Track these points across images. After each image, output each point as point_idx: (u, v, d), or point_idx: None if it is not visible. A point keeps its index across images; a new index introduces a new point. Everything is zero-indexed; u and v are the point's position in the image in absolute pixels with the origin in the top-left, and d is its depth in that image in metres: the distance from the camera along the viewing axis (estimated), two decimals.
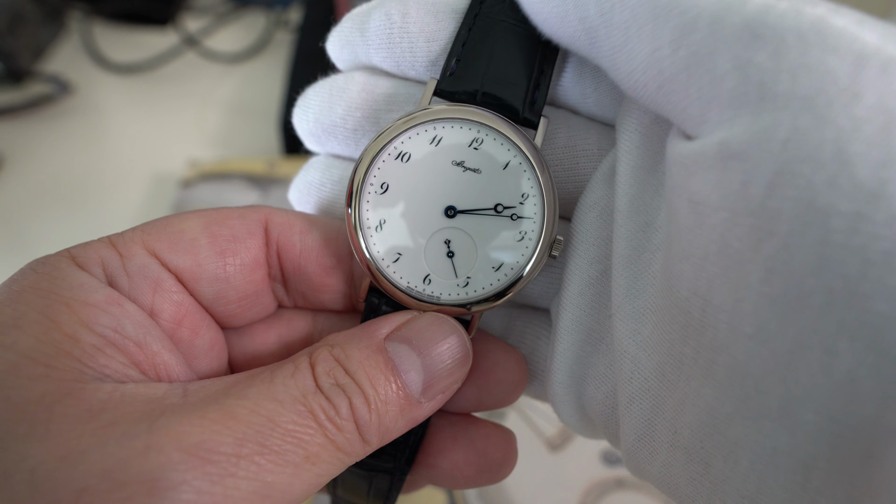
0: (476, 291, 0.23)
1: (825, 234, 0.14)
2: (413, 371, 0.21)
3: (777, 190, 0.15)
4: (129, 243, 0.21)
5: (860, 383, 0.14)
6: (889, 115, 0.14)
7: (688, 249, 0.18)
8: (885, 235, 0.14)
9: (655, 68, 0.18)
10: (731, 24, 0.16)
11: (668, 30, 0.18)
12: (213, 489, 0.16)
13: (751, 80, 0.16)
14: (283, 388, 0.19)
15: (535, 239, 0.23)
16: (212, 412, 0.17)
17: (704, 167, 0.17)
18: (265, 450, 0.17)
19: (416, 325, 0.22)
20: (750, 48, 0.16)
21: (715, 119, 0.17)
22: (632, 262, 0.22)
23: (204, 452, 0.16)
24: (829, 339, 0.15)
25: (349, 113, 0.25)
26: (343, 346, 0.20)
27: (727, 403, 0.17)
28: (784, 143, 0.15)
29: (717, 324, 0.17)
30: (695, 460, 0.18)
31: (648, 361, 0.20)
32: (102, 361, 0.18)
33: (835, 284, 0.14)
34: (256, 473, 0.17)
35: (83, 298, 0.19)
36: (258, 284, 0.24)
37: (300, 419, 0.18)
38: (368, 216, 0.23)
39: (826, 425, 0.15)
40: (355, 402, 0.19)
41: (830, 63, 0.15)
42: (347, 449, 0.19)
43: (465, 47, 0.23)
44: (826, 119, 0.14)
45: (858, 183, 0.14)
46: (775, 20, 0.16)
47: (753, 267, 0.16)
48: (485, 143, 0.23)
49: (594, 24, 0.20)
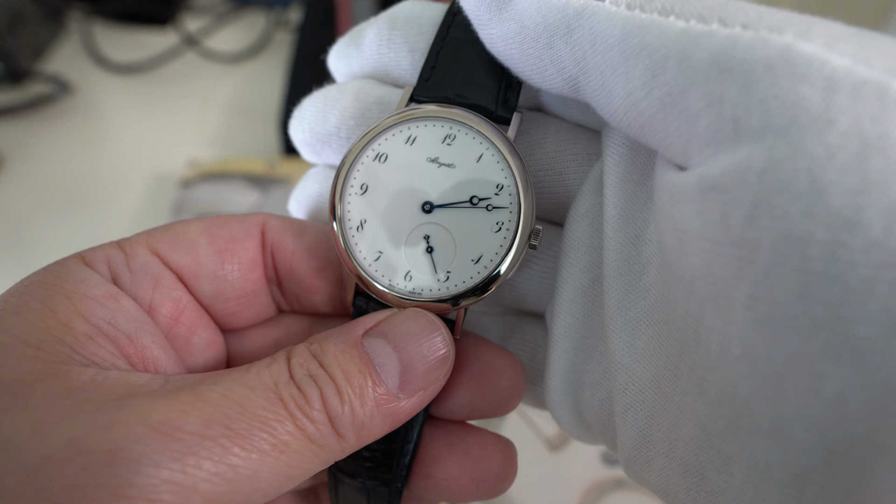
0: (457, 285, 0.23)
1: (804, 262, 0.14)
2: (389, 365, 0.20)
3: (755, 221, 0.15)
4: (134, 244, 0.22)
5: (849, 404, 0.15)
6: (863, 139, 0.14)
7: (677, 272, 0.18)
8: (863, 262, 0.14)
9: (633, 110, 0.18)
10: (699, 60, 0.16)
11: (640, 72, 0.18)
12: (173, 465, 0.16)
13: (724, 116, 0.16)
14: (255, 377, 0.19)
15: (512, 229, 0.23)
16: (183, 395, 0.18)
17: (686, 197, 0.17)
18: (231, 433, 0.17)
19: (393, 320, 0.22)
20: (720, 84, 0.16)
21: (697, 156, 0.17)
22: (623, 274, 0.22)
23: (168, 429, 0.16)
24: (815, 361, 0.15)
25: (342, 121, 0.25)
26: (321, 342, 0.21)
27: (719, 420, 0.17)
28: (760, 174, 0.15)
29: (709, 344, 0.17)
30: (691, 472, 0.19)
31: (643, 373, 0.21)
32: (91, 349, 0.19)
33: (817, 310, 0.14)
34: (221, 455, 0.17)
35: (83, 292, 0.20)
36: (255, 284, 0.24)
37: (269, 405, 0.18)
38: (350, 217, 0.23)
39: (818, 442, 0.15)
40: (326, 392, 0.19)
41: (801, 91, 0.15)
42: (320, 441, 0.19)
43: (439, 56, 0.24)
44: (800, 148, 0.15)
45: (834, 211, 0.14)
46: (742, 52, 0.16)
47: (737, 294, 0.16)
48: (457, 138, 0.23)
49: (572, 73, 0.20)
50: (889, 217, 0.13)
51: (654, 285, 0.21)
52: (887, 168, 0.14)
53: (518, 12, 0.20)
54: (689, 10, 0.17)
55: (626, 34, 0.18)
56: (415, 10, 0.25)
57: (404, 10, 0.25)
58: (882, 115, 0.14)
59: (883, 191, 0.13)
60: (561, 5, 0.19)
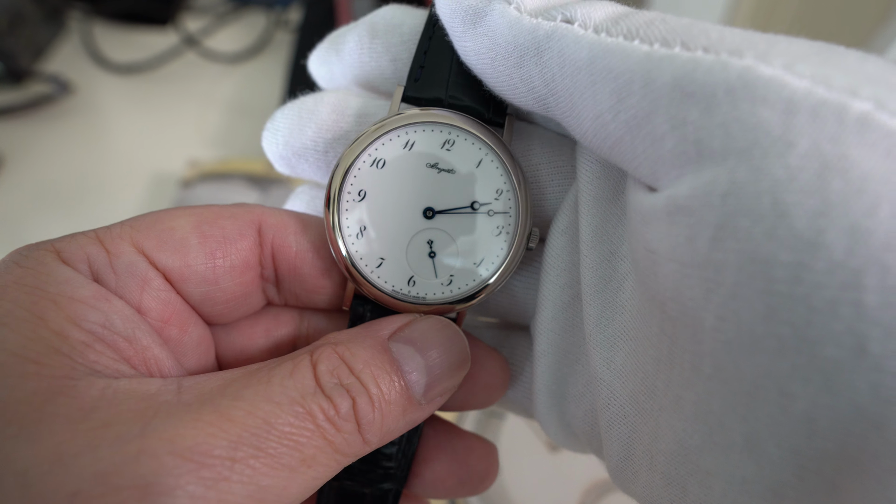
0: (460, 288, 0.23)
1: (769, 284, 0.14)
2: (416, 372, 0.21)
3: (720, 243, 0.15)
4: (116, 239, 0.21)
5: (818, 423, 0.15)
6: (823, 160, 0.14)
7: (650, 292, 0.19)
8: (827, 284, 0.14)
9: (602, 133, 0.19)
10: (662, 84, 0.17)
11: (606, 95, 0.18)
12: (208, 494, 0.16)
13: (688, 139, 0.16)
14: (280, 389, 0.18)
15: (511, 232, 0.23)
16: (206, 413, 0.17)
17: (655, 219, 0.17)
18: (260, 453, 0.17)
19: (420, 326, 0.22)
20: (683, 107, 0.16)
21: (664, 178, 0.17)
22: (599, 292, 0.22)
23: (198, 456, 0.16)
24: (783, 381, 0.15)
25: (319, 135, 0.25)
26: (347, 345, 0.20)
27: (695, 436, 0.18)
28: (723, 196, 0.15)
29: (682, 362, 0.18)
30: (672, 485, 0.19)
31: (623, 389, 0.21)
32: (92, 357, 0.18)
33: (783, 331, 0.14)
34: (251, 477, 0.17)
35: (70, 294, 0.19)
36: (247, 287, 0.23)
37: (297, 421, 0.18)
38: (349, 224, 0.23)
39: (790, 458, 0.16)
40: (360, 401, 0.19)
41: (761, 114, 0.15)
42: (346, 450, 0.19)
43: (427, 55, 0.24)
44: (761, 170, 0.15)
45: (797, 233, 0.14)
46: (703, 76, 0.16)
47: (706, 314, 0.16)
48: (456, 143, 0.23)
49: (542, 93, 0.20)
50: (850, 238, 0.13)
51: (631, 302, 0.21)
52: (847, 189, 0.14)
53: (491, 28, 0.21)
54: (653, 34, 0.18)
55: (593, 58, 0.18)
56: (395, 17, 0.25)
57: (385, 18, 0.25)
58: (841, 136, 0.14)
59: (844, 212, 0.14)
60: (531, 27, 0.20)
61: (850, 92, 0.14)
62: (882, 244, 0.13)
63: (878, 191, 0.13)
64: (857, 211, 0.13)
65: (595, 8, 0.19)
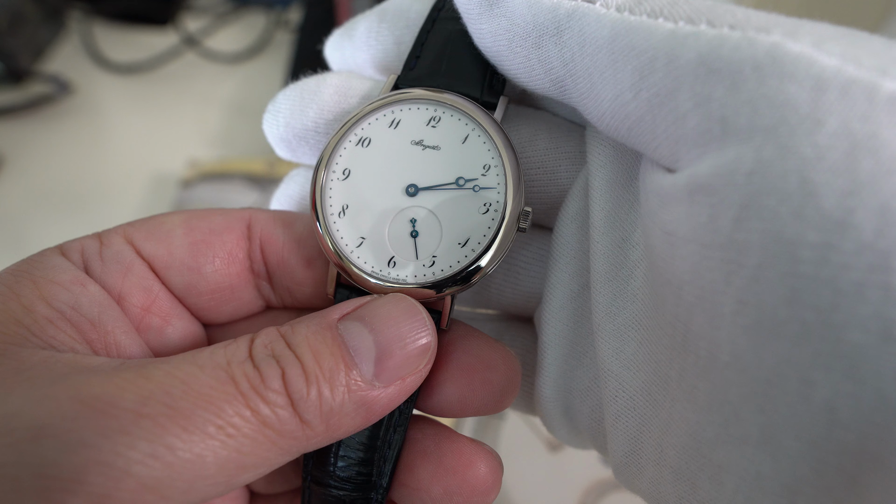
0: (443, 270, 0.22)
1: (794, 265, 0.14)
2: (363, 349, 0.19)
3: (744, 223, 0.15)
4: (111, 233, 0.22)
5: (839, 412, 0.14)
6: (852, 139, 0.14)
7: (665, 276, 0.18)
8: (855, 265, 0.13)
9: (622, 112, 0.18)
10: (686, 61, 0.16)
11: (628, 73, 0.18)
12: (102, 443, 0.15)
13: (712, 116, 0.16)
14: (208, 356, 0.18)
15: (500, 210, 0.22)
16: (126, 373, 0.17)
17: (675, 199, 0.17)
18: (171, 411, 0.16)
19: (373, 304, 0.20)
20: (708, 84, 0.16)
21: (685, 157, 0.17)
22: (610, 280, 0.21)
23: (101, 405, 0.15)
24: (805, 368, 0.14)
25: (321, 116, 0.24)
26: (292, 325, 0.19)
27: (709, 428, 0.17)
28: (748, 175, 0.15)
29: (698, 350, 0.17)
30: (681, 480, 0.18)
31: (634, 380, 0.20)
32: (50, 332, 0.18)
33: (807, 316, 0.14)
34: (158, 436, 0.15)
35: (50, 277, 0.20)
36: (233, 279, 0.23)
37: (217, 384, 0.17)
38: (332, 203, 0.23)
39: (808, 451, 0.15)
40: (290, 372, 0.18)
41: (789, 91, 0.15)
42: (278, 427, 0.17)
43: (423, 47, 0.24)
44: (789, 149, 0.14)
45: (825, 213, 0.14)
46: (729, 53, 0.16)
47: (726, 298, 0.15)
48: (442, 120, 0.23)
49: (559, 74, 0.20)
50: (880, 219, 0.13)
51: (642, 290, 0.20)
52: (877, 169, 0.13)
53: (509, 9, 0.20)
54: (678, 12, 0.17)
55: (615, 36, 0.18)
56: (404, 3, 0.25)
57: (394, 4, 0.25)
58: (871, 114, 0.14)
59: (873, 192, 0.13)
60: (552, 5, 0.19)
61: (881, 71, 0.14)
62: None
63: None
64: (887, 191, 0.13)
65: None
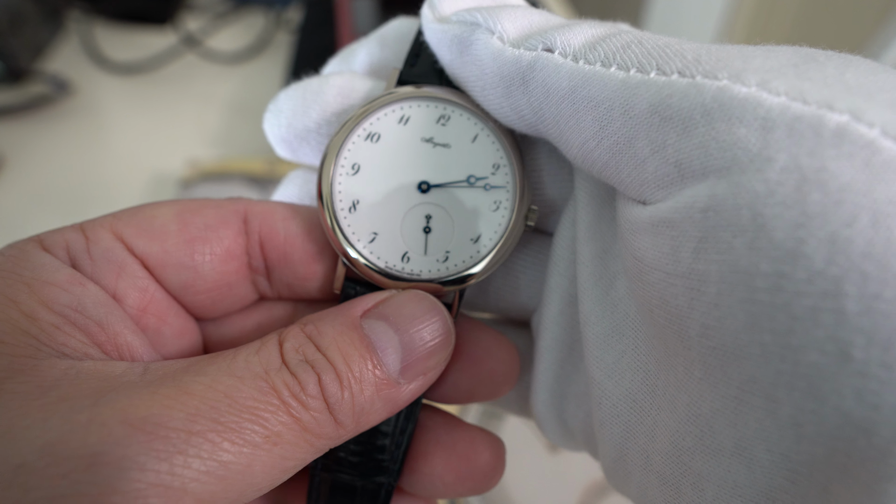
0: (456, 265, 0.23)
1: (751, 293, 0.15)
2: (390, 348, 0.20)
3: (702, 254, 0.16)
4: (97, 228, 0.21)
5: (805, 428, 0.15)
6: (801, 173, 0.14)
7: (640, 298, 0.19)
8: (808, 292, 0.14)
9: (589, 158, 0.19)
10: (640, 111, 0.17)
11: (589, 123, 0.18)
12: (160, 466, 0.15)
13: (668, 161, 0.17)
14: (244, 364, 0.18)
15: (510, 208, 0.23)
16: (165, 388, 0.16)
17: (641, 229, 0.18)
18: (220, 427, 0.16)
19: (394, 301, 0.21)
20: (661, 131, 0.17)
21: (651, 197, 0.18)
22: (590, 288, 0.22)
23: (151, 427, 0.15)
24: (768, 387, 0.15)
25: (323, 117, 0.24)
26: (316, 323, 0.20)
27: (687, 438, 0.18)
28: (704, 212, 0.16)
29: (676, 365, 0.18)
30: (667, 485, 0.19)
31: (615, 388, 0.21)
32: (61, 339, 0.18)
33: (766, 339, 0.15)
34: (210, 452, 0.16)
35: (44, 278, 0.19)
36: (230, 276, 0.23)
37: (260, 395, 0.17)
38: (341, 198, 0.23)
39: (780, 462, 0.16)
40: (325, 378, 0.18)
41: (738, 133, 0.15)
42: (316, 430, 0.18)
43: (423, 45, 0.24)
44: (741, 186, 0.15)
45: (777, 244, 0.14)
46: (678, 101, 0.16)
47: (691, 322, 0.16)
48: (452, 118, 0.23)
49: (531, 120, 0.21)
50: (830, 247, 0.14)
51: (623, 302, 0.21)
52: (826, 200, 0.14)
53: (477, 57, 0.21)
54: (629, 59, 0.18)
55: (574, 87, 0.19)
56: (403, 27, 0.25)
57: (393, 29, 0.25)
58: (818, 149, 0.14)
59: (822, 223, 0.14)
60: (514, 58, 0.20)
61: (827, 105, 0.15)
62: (861, 253, 0.13)
63: (856, 201, 0.14)
64: (835, 221, 0.14)
65: (575, 33, 0.19)
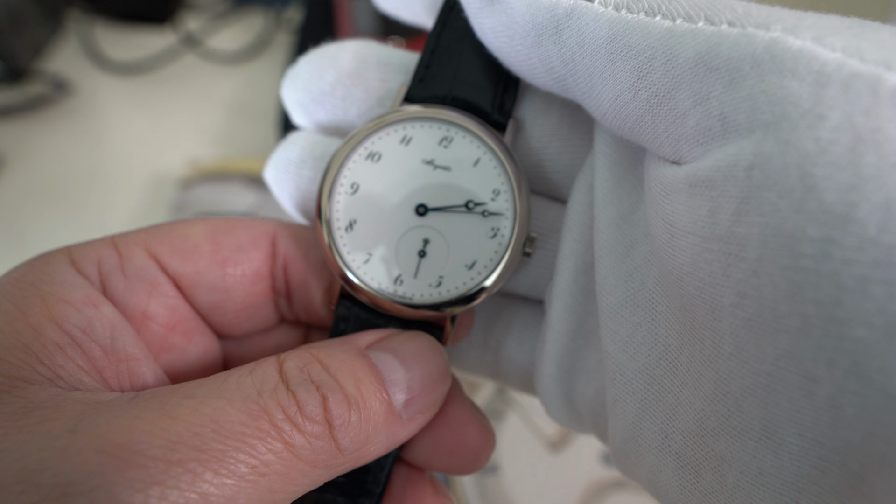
0: (449, 291, 0.22)
1: (795, 259, 0.14)
2: (397, 380, 0.19)
3: (743, 217, 0.15)
4: (130, 244, 0.21)
5: (843, 410, 0.14)
6: (855, 133, 0.13)
7: (667, 266, 0.18)
8: (858, 260, 0.13)
9: (622, 112, 0.18)
10: (684, 59, 0.16)
11: (626, 74, 0.17)
12: (133, 498, 0.14)
13: (711, 114, 0.16)
14: (235, 386, 0.17)
15: (507, 235, 0.22)
16: (148, 411, 0.16)
17: (676, 191, 0.17)
18: (203, 455, 0.15)
19: (399, 337, 0.21)
20: (706, 82, 0.16)
21: (687, 155, 0.17)
22: (605, 257, 0.21)
23: (128, 455, 0.14)
24: (807, 363, 0.14)
25: (339, 80, 0.24)
26: (323, 348, 0.19)
27: (712, 417, 0.17)
28: (748, 170, 0.15)
29: (703, 339, 0.17)
30: (686, 467, 0.18)
31: (630, 363, 0.20)
32: (59, 362, 0.17)
33: (808, 310, 0.14)
34: (189, 483, 0.15)
35: (60, 294, 0.18)
36: (258, 297, 0.23)
37: (249, 419, 0.16)
38: (339, 217, 0.22)
39: (811, 448, 0.15)
40: (332, 398, 0.17)
41: (790, 87, 0.14)
42: (310, 457, 0.17)
43: (433, 54, 0.23)
44: (790, 143, 0.14)
45: (826, 207, 0.13)
46: (727, 50, 0.15)
47: (725, 291, 0.15)
48: (454, 140, 0.23)
49: (560, 73, 0.20)
50: (885, 214, 0.13)
51: (640, 271, 0.20)
52: (882, 163, 0.13)
53: (509, 5, 0.20)
54: (675, 9, 0.17)
55: (613, 36, 0.18)
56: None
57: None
58: (875, 109, 0.13)
59: (877, 186, 0.13)
60: (550, 4, 0.19)
61: (885, 64, 0.14)
62: None
63: None
64: (892, 185, 0.13)
65: None
